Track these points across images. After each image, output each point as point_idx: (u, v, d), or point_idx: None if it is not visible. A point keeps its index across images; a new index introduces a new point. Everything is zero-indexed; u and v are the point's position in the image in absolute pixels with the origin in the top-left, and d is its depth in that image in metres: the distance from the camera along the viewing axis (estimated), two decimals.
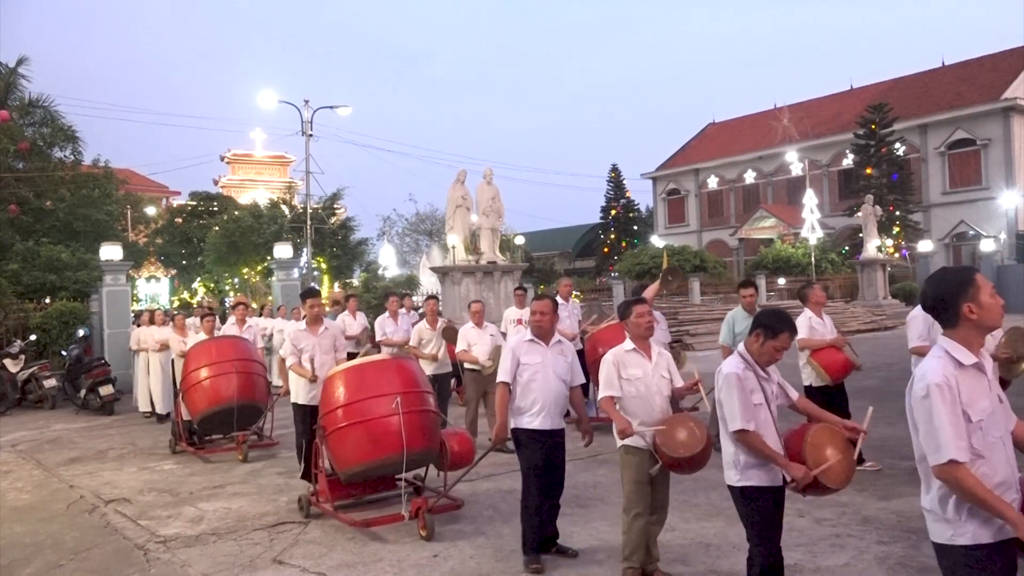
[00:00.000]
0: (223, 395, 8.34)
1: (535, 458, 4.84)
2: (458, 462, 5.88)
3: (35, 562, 5.45)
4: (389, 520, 5.64)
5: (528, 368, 4.87)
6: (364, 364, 6.01)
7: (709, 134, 50.47)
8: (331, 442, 5.78)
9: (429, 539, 5.38)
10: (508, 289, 16.52)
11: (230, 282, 28.74)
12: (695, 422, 4.28)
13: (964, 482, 2.39)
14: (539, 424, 4.84)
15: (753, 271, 30.23)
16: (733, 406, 3.58)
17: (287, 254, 19.31)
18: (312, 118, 23.84)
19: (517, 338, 5.06)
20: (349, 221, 32.29)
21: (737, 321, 7.49)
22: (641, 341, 4.53)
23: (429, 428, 5.76)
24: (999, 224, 34.19)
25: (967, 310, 2.52)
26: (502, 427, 4.93)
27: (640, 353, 4.51)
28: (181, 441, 9.06)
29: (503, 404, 4.90)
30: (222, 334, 9.96)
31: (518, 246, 30.45)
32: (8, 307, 15.39)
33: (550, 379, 4.88)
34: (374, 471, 5.83)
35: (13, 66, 23.59)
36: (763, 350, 3.67)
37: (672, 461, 4.21)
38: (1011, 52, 37.50)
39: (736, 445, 3.62)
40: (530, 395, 4.84)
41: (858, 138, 35.27)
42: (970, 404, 2.45)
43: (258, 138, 48.45)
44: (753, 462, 3.59)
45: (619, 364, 4.46)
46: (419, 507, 5.54)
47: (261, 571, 5.05)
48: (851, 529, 5.28)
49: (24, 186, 21.83)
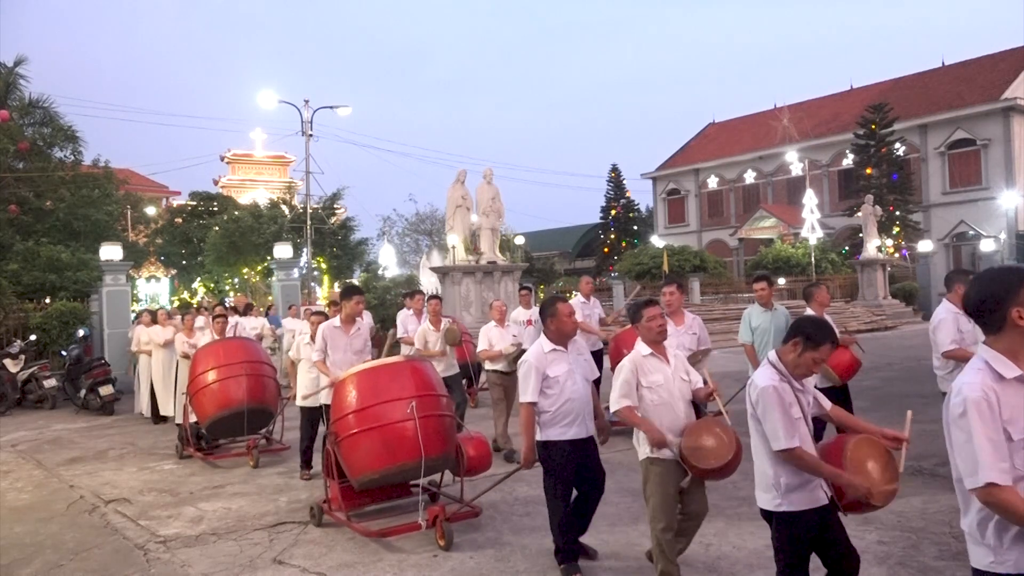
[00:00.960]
0: (233, 398, 8.05)
1: (564, 473, 4.56)
2: (475, 467, 5.71)
3: (35, 562, 5.45)
4: (406, 529, 5.43)
5: (556, 381, 4.55)
6: (377, 367, 5.70)
7: (709, 134, 50.47)
8: (344, 449, 5.53)
9: (448, 548, 5.16)
10: (508, 289, 16.54)
11: (230, 282, 28.72)
12: (721, 427, 4.05)
13: (1009, 504, 2.16)
14: (573, 434, 4.56)
15: (753, 271, 30.23)
16: (775, 423, 3.26)
17: (287, 254, 19.32)
18: (312, 118, 23.84)
19: (536, 351, 4.66)
20: (349, 221, 32.26)
21: (754, 317, 7.43)
22: (656, 345, 4.32)
23: (446, 433, 5.54)
24: (999, 224, 34.19)
25: (1016, 315, 2.26)
26: (530, 450, 4.60)
27: (658, 357, 4.29)
28: (188, 446, 8.78)
29: (530, 425, 4.57)
30: None
31: (518, 246, 30.44)
32: (8, 307, 15.39)
33: (579, 384, 4.60)
34: (390, 478, 5.59)
35: (13, 66, 23.60)
36: (801, 361, 3.36)
37: (701, 471, 3.99)
38: (1011, 52, 37.51)
39: (777, 466, 3.31)
40: (561, 406, 4.53)
41: (858, 138, 35.27)
42: (1011, 421, 2.21)
43: (258, 138, 48.42)
44: (796, 483, 3.29)
45: (638, 371, 4.22)
46: (436, 515, 5.30)
47: (261, 571, 5.05)
48: (851, 529, 5.22)
49: (24, 186, 21.83)
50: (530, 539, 5.38)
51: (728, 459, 3.92)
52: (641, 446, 4.25)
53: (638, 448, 4.28)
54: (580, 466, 4.59)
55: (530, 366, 4.58)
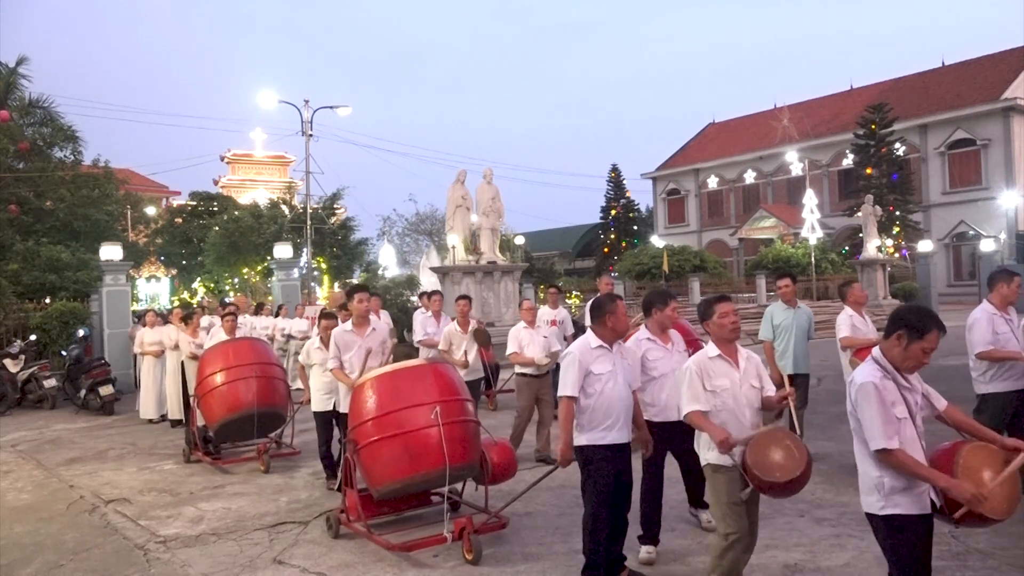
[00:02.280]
0: (243, 401, 7.76)
1: (606, 478, 4.33)
2: (499, 475, 5.48)
3: (35, 562, 5.45)
4: (431, 543, 5.13)
5: (599, 379, 4.33)
6: (398, 371, 5.42)
7: (709, 134, 50.49)
8: (363, 457, 5.25)
9: (476, 563, 4.89)
10: (508, 289, 16.54)
11: (230, 282, 28.74)
12: (792, 439, 3.73)
13: None
14: (612, 439, 4.34)
15: (753, 271, 30.23)
16: (872, 421, 3.09)
17: (287, 254, 19.31)
18: (312, 118, 23.88)
19: (582, 345, 4.45)
20: (349, 221, 32.28)
21: (776, 314, 7.34)
22: (726, 345, 4.03)
23: (471, 440, 5.29)
24: (999, 224, 34.21)
25: None
26: (567, 447, 4.35)
27: (726, 360, 4.00)
28: (196, 450, 8.52)
29: (569, 421, 4.34)
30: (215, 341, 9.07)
31: (518, 246, 30.43)
32: (8, 307, 15.37)
33: (620, 387, 4.39)
34: (412, 488, 5.35)
35: (13, 66, 23.59)
36: (908, 354, 3.14)
37: (765, 484, 3.66)
38: (1011, 52, 37.54)
39: (880, 467, 3.13)
40: (602, 408, 4.32)
41: (858, 138, 35.29)
42: None
43: (258, 138, 48.50)
44: (900, 486, 3.10)
45: (703, 374, 3.94)
46: (463, 527, 5.01)
47: (261, 571, 5.05)
48: (851, 529, 5.27)
49: (24, 186, 21.83)
50: (531, 540, 5.38)
51: (796, 474, 3.62)
52: (704, 451, 3.99)
53: (700, 453, 4.05)
54: (619, 474, 4.39)
55: (574, 358, 4.37)
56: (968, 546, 4.79)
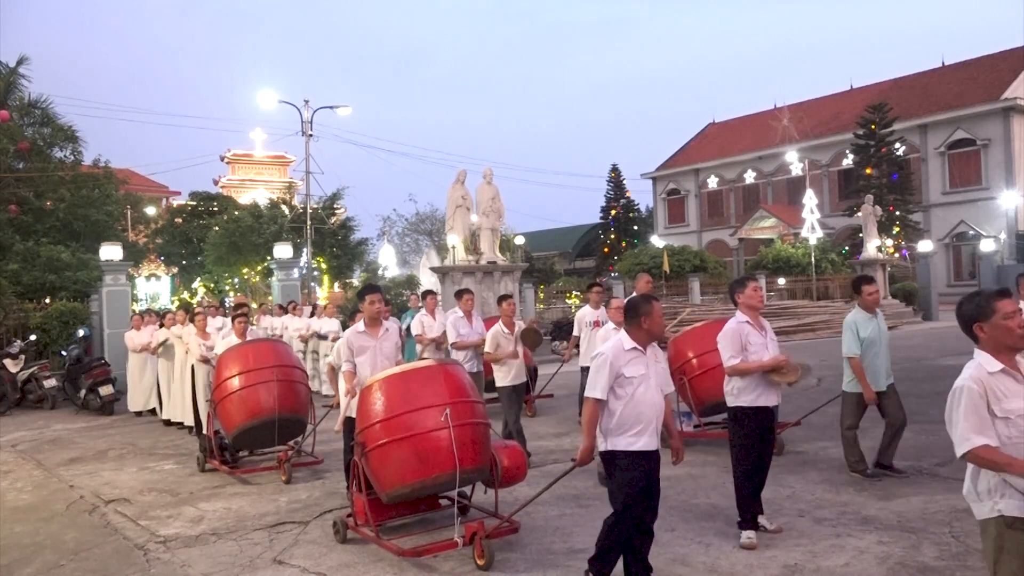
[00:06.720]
0: (263, 407, 7.37)
1: (636, 486, 4.15)
2: (510, 478, 5.38)
3: (35, 562, 5.45)
4: (441, 547, 4.99)
5: (631, 382, 4.17)
6: (406, 371, 5.29)
7: (709, 134, 50.52)
8: (372, 460, 5.14)
9: (487, 568, 4.79)
10: (508, 289, 16.52)
11: (230, 282, 28.73)
12: None
13: None
14: (642, 445, 4.17)
15: (753, 271, 30.21)
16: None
17: (287, 254, 19.32)
18: (312, 118, 23.87)
19: (616, 346, 4.26)
20: (349, 221, 32.26)
21: (860, 326, 6.44)
22: (1009, 356, 3.07)
23: (481, 442, 5.18)
24: (999, 224, 34.23)
25: None
26: (588, 449, 4.23)
27: (1011, 375, 3.03)
28: (212, 459, 7.95)
29: (593, 423, 4.21)
30: None
31: (518, 246, 30.43)
32: (8, 307, 15.39)
33: (652, 392, 4.24)
34: (422, 492, 5.24)
35: (13, 66, 23.63)
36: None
37: None
38: (1011, 52, 37.56)
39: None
40: (634, 412, 4.17)
41: (858, 138, 35.30)
42: None
43: (258, 138, 48.47)
44: None
45: (988, 395, 2.95)
46: (475, 532, 4.90)
47: (261, 571, 5.05)
48: (851, 529, 5.27)
49: (24, 186, 21.85)
50: (531, 540, 5.37)
51: None
52: (990, 499, 2.95)
53: (978, 502, 3.00)
54: (648, 483, 4.24)
55: (605, 359, 4.20)
56: (968, 546, 4.79)
